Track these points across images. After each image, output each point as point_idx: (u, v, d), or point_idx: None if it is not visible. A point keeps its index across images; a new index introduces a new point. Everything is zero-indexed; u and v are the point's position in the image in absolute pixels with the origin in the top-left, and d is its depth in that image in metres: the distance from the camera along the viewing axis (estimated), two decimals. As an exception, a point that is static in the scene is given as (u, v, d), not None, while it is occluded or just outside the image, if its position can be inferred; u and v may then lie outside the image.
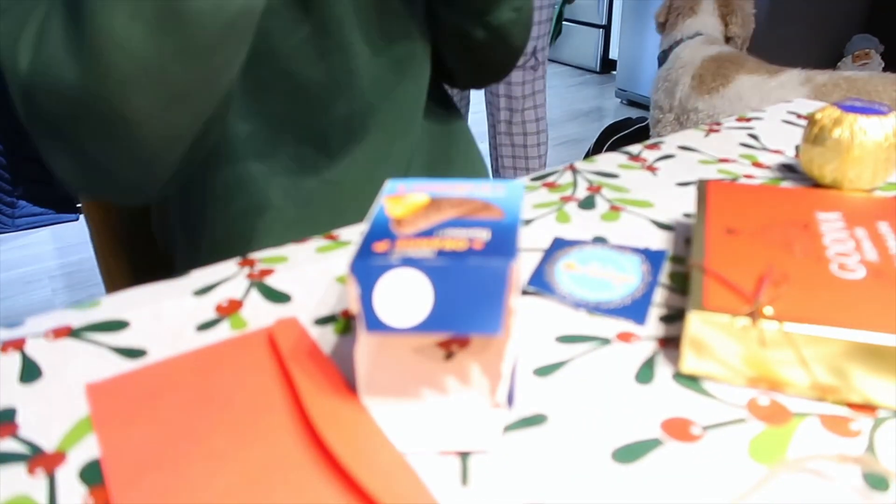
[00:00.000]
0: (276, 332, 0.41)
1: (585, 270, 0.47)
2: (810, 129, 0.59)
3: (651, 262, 0.48)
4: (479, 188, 0.40)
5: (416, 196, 0.38)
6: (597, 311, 0.43)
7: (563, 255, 0.49)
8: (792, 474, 0.31)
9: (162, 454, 0.33)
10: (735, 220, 0.46)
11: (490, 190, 0.39)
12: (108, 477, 0.32)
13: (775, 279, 0.39)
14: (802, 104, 0.88)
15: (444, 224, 0.35)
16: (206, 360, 0.39)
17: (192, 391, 0.37)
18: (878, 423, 0.34)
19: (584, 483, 0.31)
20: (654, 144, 0.74)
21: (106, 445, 0.34)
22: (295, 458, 0.32)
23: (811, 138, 0.58)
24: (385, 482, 0.30)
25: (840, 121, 0.57)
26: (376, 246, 0.32)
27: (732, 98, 1.88)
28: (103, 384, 0.38)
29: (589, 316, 0.43)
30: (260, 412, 0.35)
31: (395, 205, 0.37)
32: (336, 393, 0.36)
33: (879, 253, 0.41)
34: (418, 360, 0.36)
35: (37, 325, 0.44)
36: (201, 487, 0.31)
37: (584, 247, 0.50)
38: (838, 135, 0.56)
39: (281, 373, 0.38)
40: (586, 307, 0.43)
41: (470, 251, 0.32)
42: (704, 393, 0.37)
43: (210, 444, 0.33)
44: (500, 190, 0.39)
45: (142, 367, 0.39)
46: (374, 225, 0.35)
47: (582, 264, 0.48)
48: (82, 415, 0.36)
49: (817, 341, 0.34)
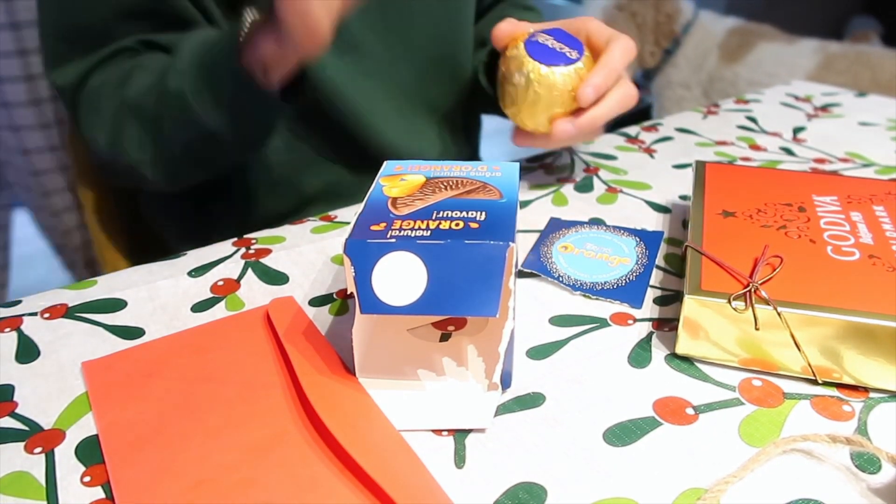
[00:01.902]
0: (272, 311, 0.41)
1: (581, 252, 0.47)
2: (501, 64, 0.55)
3: (647, 244, 0.48)
4: (475, 169, 0.39)
5: (412, 176, 0.38)
6: (592, 293, 0.43)
7: (560, 236, 0.49)
8: (783, 454, 0.32)
9: (159, 431, 0.33)
10: (732, 202, 0.46)
11: (486, 170, 0.39)
12: (105, 452, 0.32)
13: (771, 261, 0.39)
14: (800, 86, 0.88)
15: (441, 204, 0.34)
16: (203, 339, 0.40)
17: (189, 369, 0.37)
18: (870, 405, 0.35)
19: (578, 463, 0.31)
20: (652, 126, 0.74)
21: (103, 422, 0.34)
22: (291, 437, 0.33)
23: (500, 76, 0.56)
24: (382, 460, 0.30)
25: (521, 64, 0.53)
26: (372, 226, 0.32)
27: (753, 64, 1.94)
28: (100, 361, 0.38)
29: (584, 298, 0.43)
30: (256, 390, 0.36)
31: (392, 184, 0.37)
32: (332, 372, 0.36)
33: (875, 236, 0.41)
34: (414, 340, 0.36)
35: (34, 304, 0.44)
36: (198, 463, 0.31)
37: (581, 228, 0.50)
38: (517, 80, 0.53)
39: (277, 351, 0.38)
40: (582, 289, 0.43)
41: (466, 231, 0.31)
42: (698, 374, 0.37)
43: (206, 422, 0.34)
44: (496, 170, 0.39)
45: (138, 345, 0.39)
46: (370, 204, 0.35)
47: (578, 246, 0.48)
48: (79, 393, 0.36)
49: (811, 323, 0.35)
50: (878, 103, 0.81)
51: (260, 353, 0.38)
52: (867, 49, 1.79)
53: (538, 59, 0.52)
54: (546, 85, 0.52)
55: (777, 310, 0.35)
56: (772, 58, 1.92)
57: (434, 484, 0.30)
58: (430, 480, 0.30)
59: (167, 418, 0.34)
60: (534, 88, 0.52)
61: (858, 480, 0.31)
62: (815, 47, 1.87)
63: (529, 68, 0.52)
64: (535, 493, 0.30)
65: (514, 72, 0.53)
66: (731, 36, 2.03)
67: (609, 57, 0.53)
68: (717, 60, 2.04)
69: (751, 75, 1.93)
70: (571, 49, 0.53)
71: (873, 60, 1.73)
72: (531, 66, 0.52)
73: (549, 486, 0.30)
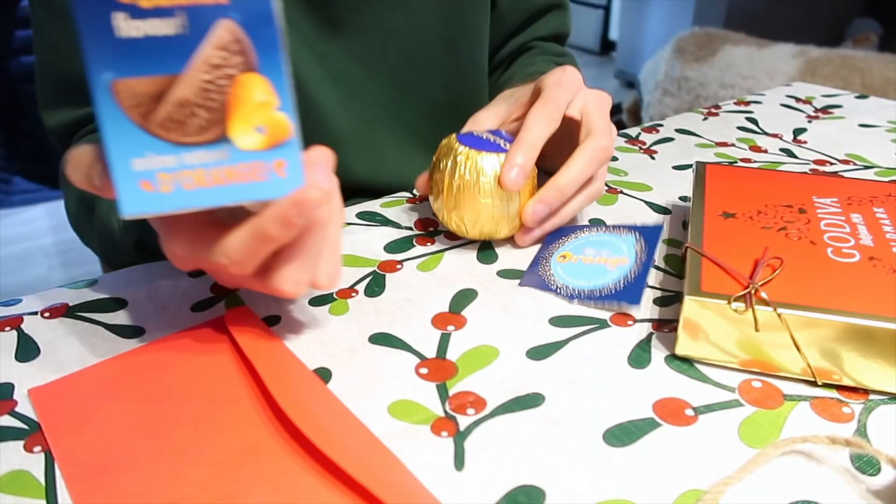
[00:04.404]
0: (230, 322, 0.40)
1: (580, 259, 0.46)
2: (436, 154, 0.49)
3: (646, 240, 0.47)
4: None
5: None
6: (590, 300, 0.43)
7: (559, 246, 0.48)
8: (782, 456, 0.32)
9: (122, 453, 0.32)
10: (732, 203, 0.46)
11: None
12: (67, 479, 0.30)
13: (771, 263, 0.39)
14: (801, 87, 0.88)
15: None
16: (157, 356, 0.38)
17: (147, 388, 0.36)
18: (870, 406, 0.35)
19: (577, 464, 0.31)
20: (653, 127, 0.74)
21: (59, 448, 0.32)
22: (265, 447, 0.32)
23: (433, 165, 0.49)
24: (363, 462, 0.30)
25: (450, 151, 0.47)
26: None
27: (722, 67, 2.01)
28: (48, 387, 0.36)
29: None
30: (222, 404, 0.35)
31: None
32: (301, 379, 0.36)
33: (875, 238, 0.41)
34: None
35: (34, 303, 0.44)
36: (170, 483, 0.30)
37: (580, 233, 0.50)
38: (444, 165, 0.47)
39: (239, 363, 0.37)
40: (579, 298, 0.43)
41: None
42: (698, 375, 0.37)
43: (174, 440, 0.32)
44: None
45: (88, 367, 0.38)
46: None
47: (576, 253, 0.47)
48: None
49: (811, 325, 0.35)
50: (879, 105, 0.81)
51: (221, 366, 0.37)
52: (851, 53, 1.79)
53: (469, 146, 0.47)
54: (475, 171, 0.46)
55: (777, 311, 0.35)
56: (743, 61, 1.96)
57: (417, 483, 0.30)
58: (411, 479, 0.30)
59: (130, 440, 0.32)
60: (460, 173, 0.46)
61: (858, 482, 0.31)
62: (793, 51, 1.89)
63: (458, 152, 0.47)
64: (534, 496, 0.30)
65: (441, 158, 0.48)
66: (685, 38, 2.14)
67: (569, 169, 0.47)
68: (671, 61, 2.13)
69: (722, 77, 1.99)
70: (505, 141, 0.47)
71: (861, 66, 1.73)
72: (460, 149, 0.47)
73: (549, 488, 0.30)
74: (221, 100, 0.31)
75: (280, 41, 0.31)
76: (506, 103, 0.53)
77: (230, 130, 0.31)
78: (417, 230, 0.52)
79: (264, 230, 0.33)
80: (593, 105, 0.50)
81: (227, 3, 0.30)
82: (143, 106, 0.30)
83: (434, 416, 0.34)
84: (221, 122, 0.31)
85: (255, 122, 0.31)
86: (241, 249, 0.34)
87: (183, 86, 0.30)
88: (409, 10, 0.62)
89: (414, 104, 0.65)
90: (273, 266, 0.35)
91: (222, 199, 0.32)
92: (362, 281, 0.45)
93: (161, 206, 0.31)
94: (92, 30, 0.29)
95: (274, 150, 0.32)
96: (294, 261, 0.35)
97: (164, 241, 0.36)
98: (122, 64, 0.29)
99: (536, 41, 0.74)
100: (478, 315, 0.42)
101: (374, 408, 0.35)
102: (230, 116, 0.31)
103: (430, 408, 0.35)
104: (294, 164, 0.32)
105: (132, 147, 0.30)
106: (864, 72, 1.71)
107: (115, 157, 0.30)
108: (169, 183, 0.31)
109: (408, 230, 0.52)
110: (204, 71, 0.30)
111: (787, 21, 3.03)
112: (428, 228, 0.52)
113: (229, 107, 0.31)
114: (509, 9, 0.70)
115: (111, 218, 0.51)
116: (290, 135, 0.32)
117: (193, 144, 0.31)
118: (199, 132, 0.31)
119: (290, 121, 0.32)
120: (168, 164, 0.31)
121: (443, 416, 0.34)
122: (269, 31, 0.30)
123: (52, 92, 0.58)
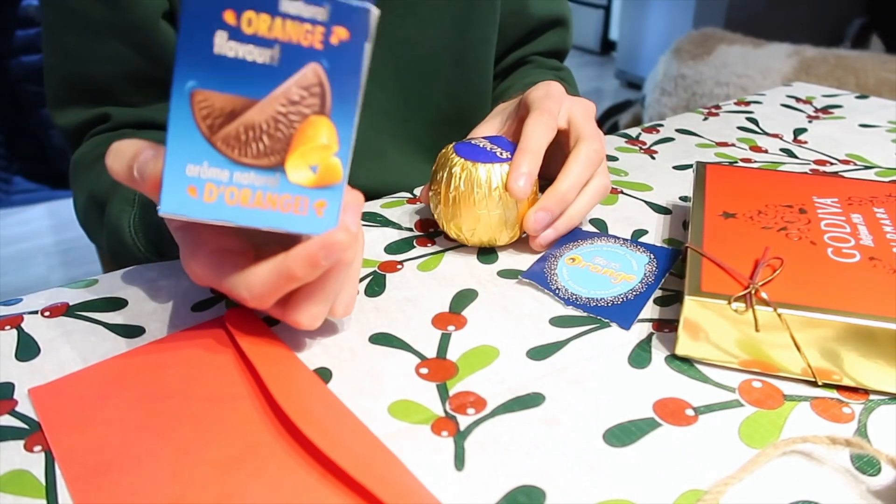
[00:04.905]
0: (230, 322, 0.39)
1: (588, 265, 0.46)
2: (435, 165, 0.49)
3: (659, 261, 0.47)
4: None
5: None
6: (584, 308, 0.42)
7: (572, 248, 0.48)
8: (782, 456, 0.32)
9: (122, 453, 0.32)
10: (732, 203, 0.46)
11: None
12: (67, 479, 0.31)
13: (771, 263, 0.39)
14: (802, 88, 0.88)
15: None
16: (156, 356, 0.38)
17: (146, 388, 0.36)
18: (870, 407, 0.35)
19: (578, 464, 0.31)
20: (653, 128, 0.74)
21: (59, 448, 0.32)
22: (265, 447, 0.32)
23: (433, 175, 0.49)
24: (363, 463, 0.30)
25: (447, 161, 0.47)
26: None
27: (718, 65, 2.03)
28: (48, 387, 0.36)
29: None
30: (222, 403, 0.35)
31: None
32: (301, 380, 0.36)
33: (875, 238, 0.41)
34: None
35: (34, 303, 0.44)
36: (170, 483, 0.30)
37: (596, 240, 0.49)
38: (441, 176, 0.47)
39: (239, 363, 0.37)
40: (574, 304, 0.43)
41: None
42: (698, 375, 0.37)
43: (174, 440, 0.32)
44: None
45: (88, 367, 0.38)
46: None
47: (587, 259, 0.47)
48: (79, 392, 0.36)
49: (811, 325, 0.35)
50: (879, 105, 0.81)
51: (221, 366, 0.37)
52: (846, 53, 1.80)
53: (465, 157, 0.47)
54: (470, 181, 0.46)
55: (777, 311, 0.35)
56: (738, 60, 1.99)
57: (417, 483, 0.30)
58: (412, 479, 0.30)
59: (130, 439, 0.32)
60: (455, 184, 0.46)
61: (858, 482, 0.31)
62: (788, 51, 1.91)
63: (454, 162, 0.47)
64: (534, 496, 0.30)
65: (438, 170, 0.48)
66: (683, 39, 2.17)
67: (567, 175, 0.47)
68: (669, 61, 2.17)
69: (717, 75, 2.02)
70: (503, 150, 0.47)
71: (856, 65, 1.74)
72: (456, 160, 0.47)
73: (549, 488, 0.30)
74: (288, 133, 0.32)
75: (358, 97, 0.33)
76: (500, 117, 0.55)
77: (287, 162, 0.33)
78: (418, 231, 0.52)
79: (290, 269, 0.33)
80: (579, 113, 0.51)
81: (321, 49, 0.31)
82: (214, 119, 0.32)
83: (434, 416, 0.34)
84: (281, 153, 0.33)
85: (312, 161, 0.33)
86: (264, 285, 0.34)
87: (257, 111, 0.32)
88: (420, 20, 0.62)
89: (420, 114, 0.65)
90: (293, 300, 0.36)
91: (258, 221, 0.33)
92: (363, 281, 0.45)
93: (199, 212, 0.33)
94: (191, 39, 0.30)
95: (320, 189, 0.33)
96: (314, 297, 0.36)
97: (186, 259, 0.37)
98: (208, 77, 0.31)
99: (535, 56, 0.74)
100: (478, 315, 0.42)
101: (374, 408, 0.35)
102: (291, 149, 0.33)
103: (431, 408, 0.35)
104: (333, 208, 0.34)
105: (192, 153, 0.32)
106: (858, 72, 1.71)
107: (173, 157, 0.32)
108: (214, 194, 0.32)
109: (408, 231, 0.52)
110: (281, 103, 0.32)
111: (786, 21, 3.03)
112: (428, 229, 0.52)
113: (293, 141, 0.33)
114: (511, 23, 0.70)
115: (121, 218, 0.52)
116: (339, 180, 0.34)
117: (248, 165, 0.32)
118: (257, 156, 0.32)
119: (343, 168, 0.33)
120: (220, 176, 0.32)
121: (443, 416, 0.34)
122: (351, 86, 0.32)
123: (61, 91, 0.58)
